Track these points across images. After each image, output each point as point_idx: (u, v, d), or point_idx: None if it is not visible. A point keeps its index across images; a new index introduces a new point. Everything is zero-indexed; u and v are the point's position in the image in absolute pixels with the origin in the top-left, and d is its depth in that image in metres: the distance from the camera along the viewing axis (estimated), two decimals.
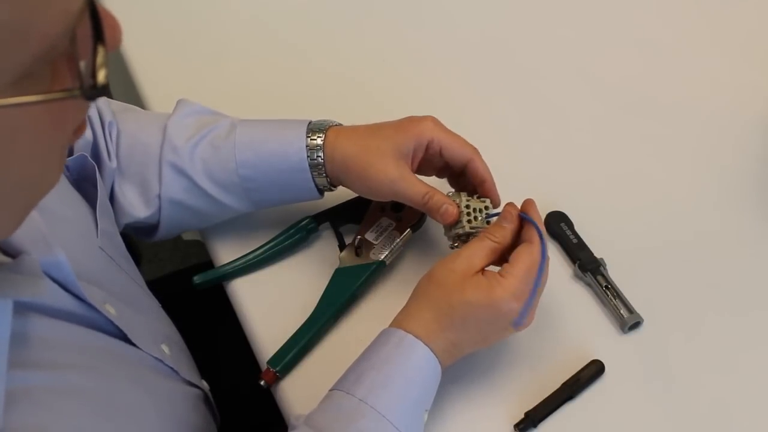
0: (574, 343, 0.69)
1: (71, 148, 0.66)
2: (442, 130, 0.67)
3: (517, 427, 0.64)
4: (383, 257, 0.71)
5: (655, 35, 0.96)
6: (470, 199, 0.66)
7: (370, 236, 0.72)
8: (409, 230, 0.72)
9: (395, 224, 0.73)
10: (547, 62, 0.93)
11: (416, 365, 0.59)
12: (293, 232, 0.74)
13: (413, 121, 0.67)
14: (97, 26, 0.33)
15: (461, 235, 0.66)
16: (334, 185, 0.70)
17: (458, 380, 0.65)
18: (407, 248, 0.74)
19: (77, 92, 0.33)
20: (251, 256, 0.73)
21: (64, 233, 0.54)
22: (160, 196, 0.69)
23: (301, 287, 0.72)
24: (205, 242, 0.78)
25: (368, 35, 0.96)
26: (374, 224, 0.73)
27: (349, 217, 0.75)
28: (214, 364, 0.73)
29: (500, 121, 0.87)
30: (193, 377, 0.65)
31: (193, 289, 0.73)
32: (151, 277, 0.75)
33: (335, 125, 0.69)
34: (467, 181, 0.68)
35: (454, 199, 0.66)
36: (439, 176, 0.71)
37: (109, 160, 0.68)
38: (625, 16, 0.98)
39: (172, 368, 0.61)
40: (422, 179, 0.67)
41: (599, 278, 0.71)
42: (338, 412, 0.56)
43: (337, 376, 0.59)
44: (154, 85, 0.89)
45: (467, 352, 0.62)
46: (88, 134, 0.67)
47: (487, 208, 0.66)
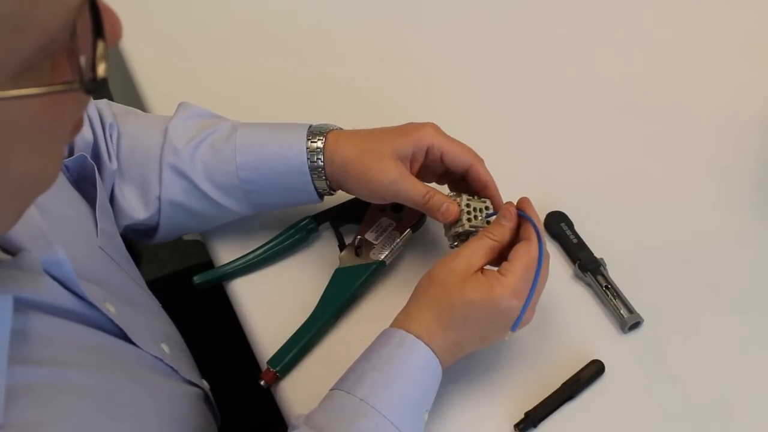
0: (574, 343, 0.69)
1: (71, 148, 0.67)
2: (442, 135, 0.67)
3: (517, 427, 0.64)
4: (383, 257, 0.71)
5: (655, 35, 0.96)
6: (471, 198, 0.66)
7: (370, 236, 0.72)
8: (409, 230, 0.72)
9: (395, 224, 0.73)
10: (547, 62, 0.93)
11: (417, 365, 0.59)
12: (293, 232, 0.74)
13: (413, 125, 0.68)
14: (97, 21, 0.33)
15: (461, 234, 0.66)
16: (333, 189, 0.70)
17: (458, 380, 0.65)
18: (407, 248, 0.74)
19: (77, 85, 0.34)
20: (251, 256, 0.73)
21: (64, 232, 0.54)
22: (160, 197, 0.69)
23: (301, 287, 0.72)
24: (205, 242, 0.78)
25: (367, 36, 0.96)
26: (374, 224, 0.73)
27: (349, 217, 0.75)
28: (214, 364, 0.73)
29: (500, 121, 0.87)
30: (193, 376, 0.65)
31: (193, 289, 0.73)
32: (151, 277, 0.75)
33: (335, 129, 0.69)
34: (468, 186, 0.68)
35: (454, 198, 0.66)
36: (439, 183, 0.71)
37: (109, 161, 0.69)
38: (625, 16, 0.98)
39: (171, 367, 0.61)
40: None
41: (599, 278, 0.71)
42: (339, 411, 0.56)
43: (337, 376, 0.59)
44: (154, 85, 0.89)
45: (468, 351, 0.62)
46: (88, 135, 0.68)
47: (487, 208, 0.66)
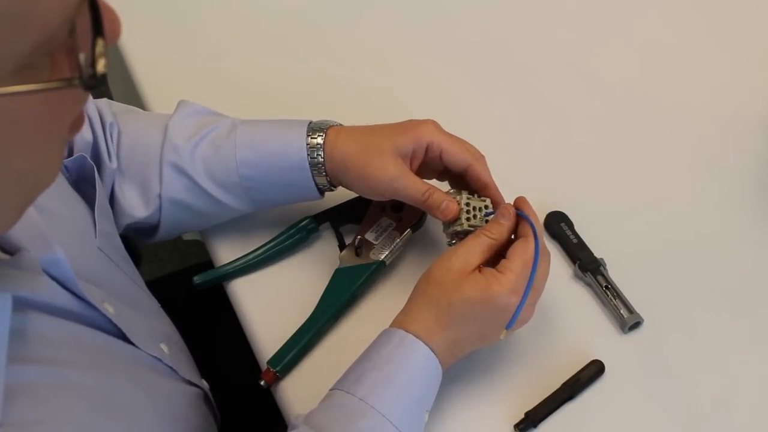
0: (574, 343, 0.69)
1: (71, 148, 0.66)
2: (442, 133, 0.67)
3: (517, 427, 0.64)
4: (383, 257, 0.71)
5: (655, 35, 0.96)
6: (470, 197, 0.66)
7: (370, 236, 0.72)
8: (409, 230, 0.72)
9: (395, 224, 0.73)
10: (547, 62, 0.93)
11: (417, 365, 0.59)
12: (293, 232, 0.74)
13: (414, 122, 0.68)
14: (96, 18, 0.33)
15: (459, 232, 0.66)
16: (333, 185, 0.70)
17: (458, 380, 0.65)
18: (407, 248, 0.74)
19: (76, 82, 0.34)
20: (251, 256, 0.73)
21: (62, 233, 0.54)
22: (160, 195, 0.69)
23: (301, 287, 0.72)
24: (205, 242, 0.78)
25: (367, 35, 0.96)
26: (374, 224, 0.73)
27: (349, 217, 0.75)
28: (214, 364, 0.73)
29: (500, 121, 0.87)
30: (192, 377, 0.65)
31: (193, 289, 0.73)
32: (151, 277, 0.75)
33: (335, 125, 0.69)
34: (468, 184, 0.68)
35: (454, 196, 0.66)
36: (439, 179, 0.71)
37: (109, 160, 0.69)
38: (625, 16, 0.98)
39: (171, 367, 0.61)
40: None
41: (599, 278, 0.71)
42: (339, 411, 0.56)
43: (337, 376, 0.59)
44: (154, 85, 0.89)
45: (468, 350, 0.62)
46: (88, 135, 0.68)
47: (486, 206, 0.66)
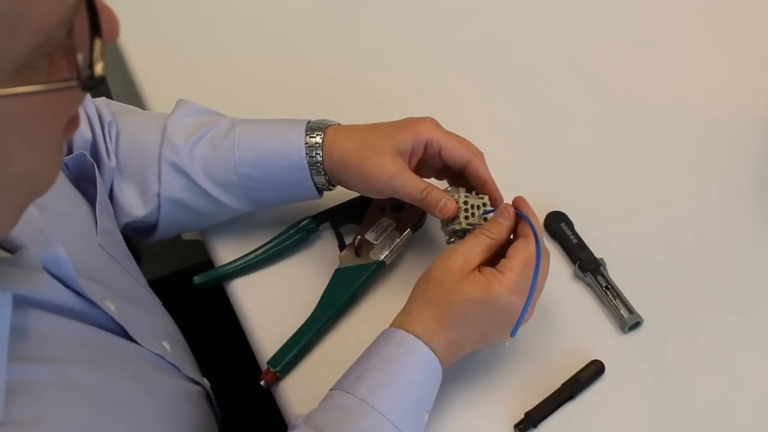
0: (574, 343, 0.69)
1: (70, 146, 0.67)
2: (441, 130, 0.67)
3: (517, 427, 0.64)
4: (383, 257, 0.71)
5: (655, 35, 0.96)
6: (468, 195, 0.66)
7: (370, 236, 0.72)
8: (409, 230, 0.72)
9: (395, 224, 0.73)
10: (547, 62, 0.93)
11: (417, 365, 0.59)
12: (293, 232, 0.74)
13: (412, 120, 0.68)
14: (94, 19, 0.33)
15: (458, 231, 0.66)
16: (332, 184, 0.70)
17: (458, 380, 0.65)
18: (407, 248, 0.74)
19: (75, 83, 0.34)
20: (251, 256, 0.73)
21: (63, 231, 0.54)
22: (159, 194, 0.69)
23: (301, 287, 0.72)
24: (205, 242, 0.78)
25: (368, 35, 0.96)
26: (374, 224, 0.73)
27: (349, 217, 0.75)
28: (214, 364, 0.73)
29: (500, 121, 0.87)
30: (195, 374, 0.65)
31: (193, 289, 0.73)
32: (151, 277, 0.75)
33: (334, 124, 0.69)
34: (467, 182, 0.68)
35: (452, 194, 0.66)
36: (438, 178, 0.71)
37: (108, 159, 0.69)
38: (625, 16, 0.98)
39: (173, 365, 0.61)
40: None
41: (599, 278, 0.71)
42: (339, 411, 0.56)
43: (337, 376, 0.59)
44: (154, 84, 0.89)
45: (468, 350, 0.62)
46: (87, 133, 0.68)
47: (485, 204, 0.66)
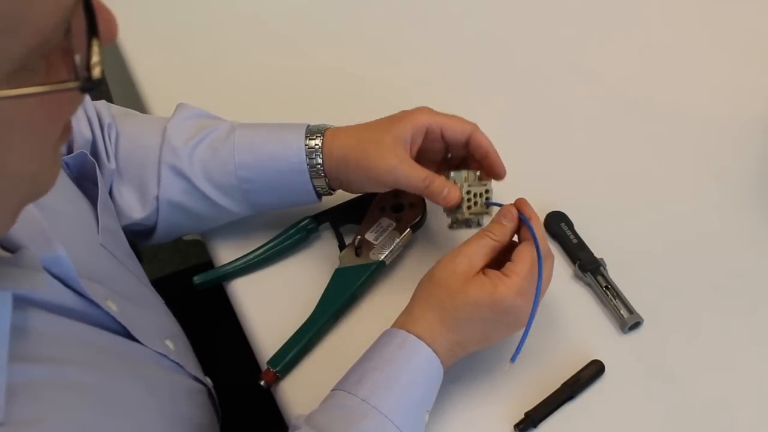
0: (574, 343, 0.69)
1: (71, 146, 0.67)
2: (438, 114, 0.68)
3: (517, 427, 0.64)
4: (383, 257, 0.71)
5: (655, 35, 0.96)
6: (471, 184, 0.66)
7: (370, 236, 0.72)
8: (409, 230, 0.72)
9: (395, 224, 0.73)
10: (547, 62, 0.93)
11: (419, 366, 0.59)
12: (293, 232, 0.74)
13: (407, 111, 0.68)
14: (91, 19, 0.33)
15: (460, 220, 0.66)
16: (332, 188, 0.70)
17: (458, 380, 0.65)
18: (407, 248, 0.74)
19: (72, 85, 0.34)
20: (251, 256, 0.73)
21: (64, 230, 0.54)
22: (158, 197, 0.69)
23: (301, 287, 0.72)
24: (205, 242, 0.78)
25: (368, 35, 0.96)
26: (374, 224, 0.73)
27: (349, 217, 0.75)
28: (214, 364, 0.73)
29: (500, 120, 0.86)
30: (197, 373, 0.66)
31: (193, 289, 0.73)
32: (151, 277, 0.75)
33: (332, 127, 0.70)
34: (472, 154, 0.69)
35: (454, 180, 0.66)
36: (438, 172, 0.71)
37: (107, 161, 0.69)
38: (625, 16, 0.98)
39: (177, 363, 0.61)
40: None
41: (599, 278, 0.71)
42: (340, 412, 0.56)
43: (337, 376, 0.59)
44: (154, 85, 0.89)
45: (470, 351, 0.62)
46: (87, 133, 0.68)
47: (487, 191, 0.67)
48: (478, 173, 0.68)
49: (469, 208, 0.65)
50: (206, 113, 0.73)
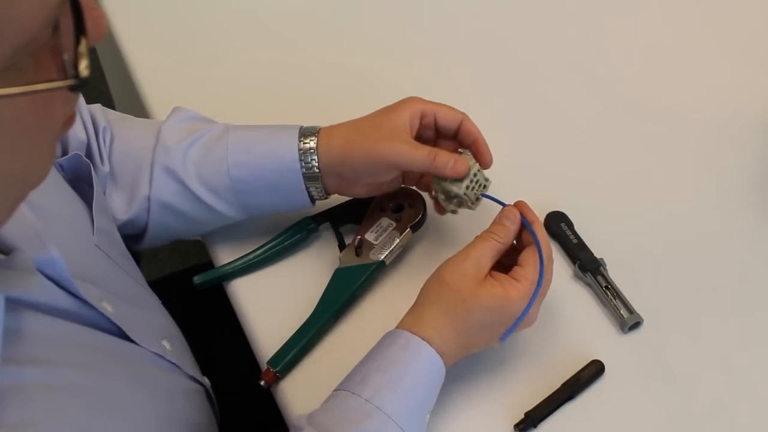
0: (574, 343, 0.69)
1: (65, 147, 0.66)
2: (429, 101, 0.69)
3: (517, 427, 0.64)
4: (383, 257, 0.71)
5: (655, 35, 0.96)
6: (480, 170, 0.66)
7: (370, 236, 0.72)
8: (409, 230, 0.72)
9: (395, 224, 0.73)
10: (547, 62, 0.93)
11: (422, 367, 0.59)
12: (293, 232, 0.74)
13: (401, 100, 0.69)
14: (78, 18, 0.33)
15: (452, 195, 0.66)
16: (327, 191, 0.70)
17: (459, 380, 0.65)
18: (407, 248, 0.74)
19: (61, 83, 0.33)
20: (251, 256, 0.73)
21: (58, 231, 0.54)
22: (149, 197, 0.68)
23: (301, 287, 0.72)
24: (205, 242, 0.77)
25: (368, 34, 0.96)
26: (374, 224, 0.73)
27: (349, 217, 0.75)
28: (214, 364, 0.73)
29: (501, 120, 0.87)
30: (195, 373, 0.65)
31: (193, 289, 0.72)
32: (151, 277, 0.75)
33: (325, 127, 0.70)
34: (461, 141, 0.69)
35: (464, 155, 0.67)
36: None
37: (101, 164, 0.68)
38: (625, 16, 0.98)
39: (174, 363, 0.61)
40: None
41: (599, 278, 0.71)
42: (344, 412, 0.56)
43: (337, 375, 0.59)
44: (154, 85, 0.89)
45: (473, 351, 0.63)
46: (81, 134, 0.67)
47: (485, 187, 0.67)
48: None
49: (468, 186, 0.65)
50: (201, 116, 0.73)
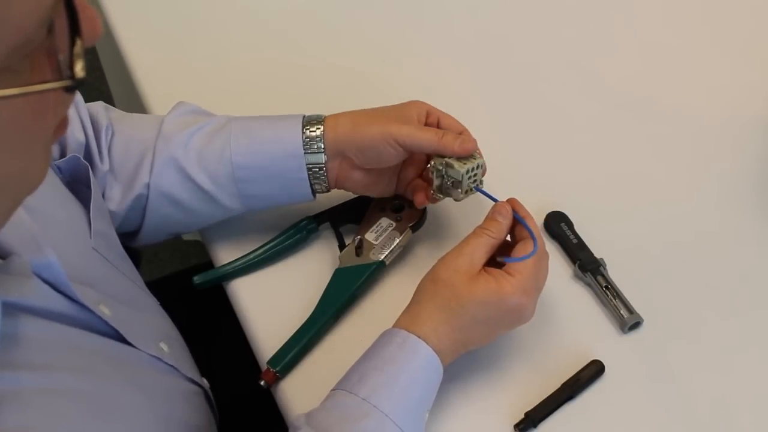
0: (574, 343, 0.69)
1: (63, 149, 0.66)
2: (433, 107, 0.70)
3: (517, 427, 0.64)
4: (383, 257, 0.71)
5: (655, 35, 0.96)
6: (480, 165, 0.66)
7: (370, 236, 0.72)
8: (409, 230, 0.72)
9: (395, 224, 0.73)
10: (547, 62, 0.93)
11: (420, 365, 0.59)
12: (293, 232, 0.74)
13: (404, 102, 0.70)
14: (73, 18, 0.33)
15: (445, 177, 0.66)
16: (330, 183, 0.69)
17: (458, 380, 0.65)
18: (407, 248, 0.74)
19: (56, 84, 0.33)
20: (251, 256, 0.73)
21: (55, 235, 0.54)
22: (149, 185, 0.68)
23: (301, 287, 0.72)
24: (205, 242, 0.77)
25: (369, 33, 0.96)
26: (374, 224, 0.73)
27: (349, 217, 0.75)
28: (214, 364, 0.73)
29: (501, 120, 0.87)
30: (194, 375, 0.65)
31: (193, 289, 0.72)
32: (151, 277, 0.75)
33: (331, 114, 0.70)
34: None
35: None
36: (427, 161, 0.70)
37: (101, 163, 0.68)
38: (626, 16, 0.98)
39: (172, 366, 0.61)
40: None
41: (599, 278, 0.71)
42: (341, 411, 0.56)
43: (337, 376, 0.59)
44: (154, 84, 0.89)
45: (470, 349, 0.62)
46: (80, 136, 0.67)
47: (477, 184, 0.67)
48: None
49: (468, 172, 0.65)
50: (203, 110, 0.73)
